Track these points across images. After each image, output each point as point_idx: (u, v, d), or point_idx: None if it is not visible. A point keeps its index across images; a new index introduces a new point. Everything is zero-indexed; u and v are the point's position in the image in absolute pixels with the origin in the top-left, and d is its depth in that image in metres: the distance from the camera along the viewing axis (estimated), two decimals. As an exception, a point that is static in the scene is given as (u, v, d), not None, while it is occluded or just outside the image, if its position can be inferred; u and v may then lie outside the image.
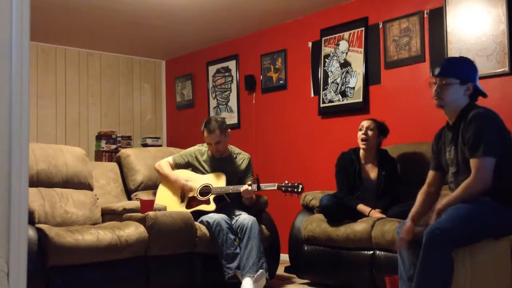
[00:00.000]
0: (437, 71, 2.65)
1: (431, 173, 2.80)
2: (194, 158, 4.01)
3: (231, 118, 5.72)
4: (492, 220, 2.43)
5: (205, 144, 4.07)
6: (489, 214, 2.42)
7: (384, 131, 3.84)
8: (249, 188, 3.65)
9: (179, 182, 3.86)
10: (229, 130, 3.99)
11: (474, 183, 2.45)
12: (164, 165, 4.01)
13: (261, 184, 3.64)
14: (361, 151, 3.82)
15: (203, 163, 3.97)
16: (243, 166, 3.96)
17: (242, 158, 4.00)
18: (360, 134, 3.79)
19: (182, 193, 3.89)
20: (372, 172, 3.78)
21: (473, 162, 2.47)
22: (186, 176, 3.93)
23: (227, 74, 5.93)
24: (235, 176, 3.90)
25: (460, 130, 2.58)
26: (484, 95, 2.68)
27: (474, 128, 2.48)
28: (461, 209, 2.41)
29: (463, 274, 2.41)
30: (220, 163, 3.95)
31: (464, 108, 2.60)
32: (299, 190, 3.58)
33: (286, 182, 3.62)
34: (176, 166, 4.02)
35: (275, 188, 3.62)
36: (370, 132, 3.76)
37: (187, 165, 4.03)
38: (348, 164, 3.79)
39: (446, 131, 2.72)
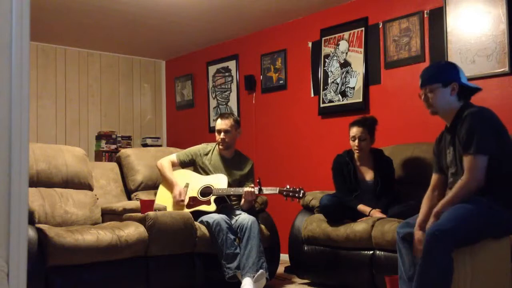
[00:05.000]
0: (420, 82, 2.72)
1: (434, 176, 2.80)
2: (199, 156, 4.00)
3: (231, 118, 5.72)
4: (492, 220, 2.43)
5: (210, 144, 4.07)
6: (488, 214, 2.42)
7: (373, 130, 3.80)
8: (251, 189, 3.64)
9: (174, 189, 3.85)
10: (241, 130, 4.05)
11: (466, 182, 2.47)
12: (166, 164, 3.99)
13: (262, 188, 3.63)
14: (356, 154, 3.82)
15: (206, 162, 3.97)
16: (246, 170, 3.96)
17: (245, 162, 4.01)
18: (353, 144, 3.77)
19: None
20: (368, 174, 3.78)
21: (465, 160, 2.49)
22: (187, 177, 3.92)
23: (227, 74, 5.93)
24: (236, 179, 3.90)
25: (456, 131, 2.60)
26: (477, 90, 2.70)
27: (466, 127, 2.51)
28: (460, 209, 2.42)
29: (463, 274, 2.41)
30: (223, 163, 3.94)
31: (460, 110, 2.63)
32: (301, 195, 3.56)
33: (288, 186, 3.60)
34: (180, 163, 4.01)
35: (277, 192, 3.60)
36: (363, 143, 3.74)
37: (191, 163, 4.02)
38: (343, 166, 3.79)
39: (445, 134, 2.74)
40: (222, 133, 3.88)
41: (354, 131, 3.76)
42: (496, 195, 2.45)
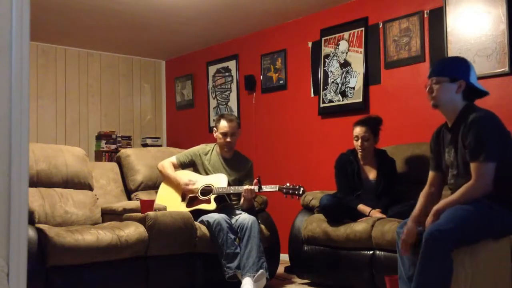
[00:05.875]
0: (429, 72, 2.70)
1: (431, 174, 2.79)
2: (198, 157, 4.01)
3: (231, 118, 5.71)
4: (491, 220, 2.43)
5: (210, 144, 4.07)
6: (488, 215, 2.42)
7: (377, 129, 3.80)
8: (251, 187, 3.65)
9: (180, 185, 3.86)
10: (240, 130, 4.09)
11: (475, 188, 2.45)
12: (167, 165, 4.01)
13: (262, 186, 3.64)
14: (359, 153, 3.82)
15: (206, 162, 3.97)
16: (245, 170, 3.97)
17: (245, 162, 4.02)
18: (356, 144, 3.77)
19: (183, 193, 3.89)
20: (371, 173, 3.78)
21: (474, 167, 2.47)
22: (188, 177, 3.92)
23: (227, 74, 5.93)
24: (236, 178, 3.90)
25: (459, 132, 2.57)
26: (485, 93, 2.67)
27: (475, 133, 2.47)
28: (460, 210, 2.41)
29: (463, 275, 2.41)
30: (222, 164, 3.95)
31: (463, 110, 2.60)
32: (300, 192, 3.57)
33: (288, 184, 3.61)
34: (180, 165, 4.02)
35: (276, 189, 3.62)
36: (366, 143, 3.74)
37: (191, 164, 4.03)
38: (347, 165, 3.79)
39: (445, 132, 2.71)
40: (229, 137, 3.89)
41: (357, 130, 3.76)
42: (496, 196, 2.45)
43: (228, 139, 3.90)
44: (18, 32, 1.59)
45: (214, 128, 4.00)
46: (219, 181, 3.80)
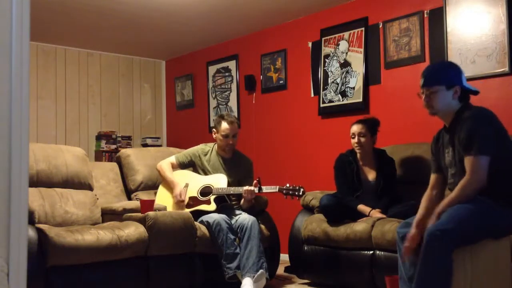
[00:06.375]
0: (422, 81, 2.68)
1: (433, 176, 2.80)
2: (197, 157, 4.01)
3: (231, 118, 5.71)
4: (492, 220, 2.43)
5: (209, 144, 4.07)
6: (489, 215, 2.42)
7: (375, 129, 3.81)
8: (251, 188, 3.64)
9: (175, 189, 3.85)
10: None
11: (469, 183, 2.46)
12: (165, 166, 4.00)
13: (262, 186, 3.64)
14: (358, 153, 3.82)
15: (205, 163, 3.97)
16: (245, 170, 3.97)
17: (244, 161, 4.02)
18: (353, 142, 3.78)
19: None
20: (370, 174, 3.78)
21: (467, 161, 2.48)
22: (187, 178, 3.92)
23: (227, 74, 5.93)
24: (235, 178, 3.90)
25: (456, 131, 2.59)
26: (475, 93, 2.69)
27: (467, 128, 2.50)
28: (460, 209, 2.41)
29: (463, 275, 2.41)
30: (222, 164, 3.95)
31: (459, 110, 2.62)
32: (300, 193, 3.57)
33: (288, 185, 3.61)
34: (180, 165, 4.02)
35: (276, 190, 3.62)
36: (362, 139, 3.74)
37: (190, 164, 4.03)
38: (346, 165, 3.79)
39: (444, 134, 2.73)
40: (231, 139, 3.89)
41: (354, 128, 3.78)
42: (496, 194, 2.45)
43: (230, 141, 3.90)
44: (18, 32, 1.59)
45: (214, 130, 4.00)
46: (219, 181, 3.80)
